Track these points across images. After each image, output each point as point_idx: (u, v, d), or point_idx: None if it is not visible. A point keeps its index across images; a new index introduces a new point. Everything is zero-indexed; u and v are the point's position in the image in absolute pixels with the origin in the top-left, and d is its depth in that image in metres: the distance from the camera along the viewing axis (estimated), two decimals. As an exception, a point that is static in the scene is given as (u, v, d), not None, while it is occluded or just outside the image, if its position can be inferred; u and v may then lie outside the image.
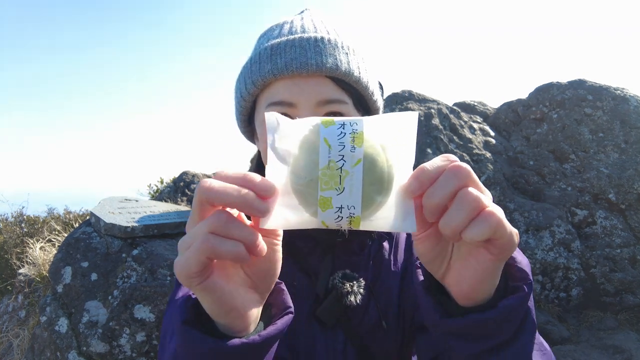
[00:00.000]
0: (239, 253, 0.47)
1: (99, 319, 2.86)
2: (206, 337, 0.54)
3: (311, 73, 0.71)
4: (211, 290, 0.51)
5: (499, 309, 0.53)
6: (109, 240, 3.28)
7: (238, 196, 0.47)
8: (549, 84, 5.24)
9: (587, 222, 4.18)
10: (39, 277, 3.49)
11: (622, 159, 4.47)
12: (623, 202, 4.23)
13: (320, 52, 0.72)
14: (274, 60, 0.71)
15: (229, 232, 0.47)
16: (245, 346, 0.54)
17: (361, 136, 0.48)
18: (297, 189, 0.50)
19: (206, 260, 0.47)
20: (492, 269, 0.52)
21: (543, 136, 4.86)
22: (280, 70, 0.71)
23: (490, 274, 0.52)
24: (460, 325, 0.55)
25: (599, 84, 5.03)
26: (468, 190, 0.46)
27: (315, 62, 0.71)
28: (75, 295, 2.99)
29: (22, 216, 6.02)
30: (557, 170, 4.52)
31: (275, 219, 0.51)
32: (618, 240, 4.03)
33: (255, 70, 0.74)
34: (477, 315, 0.53)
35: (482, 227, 0.45)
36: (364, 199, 0.48)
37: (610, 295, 3.81)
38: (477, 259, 0.51)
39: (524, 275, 0.57)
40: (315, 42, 0.72)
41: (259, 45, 0.81)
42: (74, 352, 2.77)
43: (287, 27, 0.79)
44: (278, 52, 0.72)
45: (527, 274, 0.58)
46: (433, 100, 4.98)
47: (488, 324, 0.53)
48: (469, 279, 0.52)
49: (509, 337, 0.56)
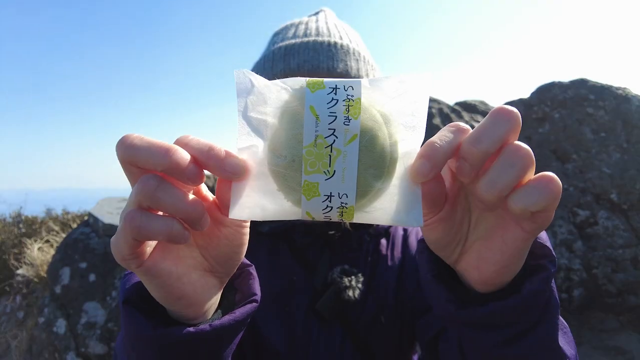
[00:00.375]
0: (173, 233, 0.38)
1: (98, 320, 2.83)
2: (146, 322, 0.46)
3: (322, 76, 0.72)
4: (153, 274, 0.43)
5: (524, 294, 0.45)
6: (108, 241, 3.26)
7: (165, 156, 0.37)
8: (551, 83, 5.23)
9: (589, 222, 4.17)
10: (37, 278, 3.46)
11: (624, 159, 4.46)
12: (625, 202, 4.21)
13: (332, 56, 0.73)
14: (286, 61, 0.73)
15: (159, 203, 0.38)
16: (191, 336, 0.46)
17: (358, 104, 0.38)
18: (275, 171, 0.40)
19: (134, 242, 0.39)
20: (522, 249, 0.43)
21: (545, 136, 4.84)
22: (292, 71, 0.72)
23: (519, 255, 0.44)
24: (480, 315, 0.47)
25: (601, 84, 5.01)
26: (519, 145, 0.38)
27: (326, 65, 0.72)
28: (73, 296, 2.97)
29: (20, 216, 6.00)
30: (559, 170, 4.50)
31: (246, 207, 0.41)
32: (620, 241, 4.01)
33: (267, 68, 0.76)
34: (500, 302, 0.46)
35: (542, 193, 0.37)
36: (359, 186, 0.39)
37: (612, 296, 3.80)
38: (504, 238, 0.43)
39: (546, 252, 0.49)
40: (327, 47, 0.74)
41: (272, 43, 0.82)
42: (72, 353, 2.74)
43: (302, 29, 0.81)
44: (291, 53, 0.73)
45: (550, 249, 0.49)
46: (434, 99, 4.97)
47: (512, 311, 0.46)
48: (493, 262, 0.45)
49: (534, 321, 0.48)
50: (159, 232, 0.38)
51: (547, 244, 0.50)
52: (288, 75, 0.72)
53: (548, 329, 0.49)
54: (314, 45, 0.74)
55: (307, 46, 0.74)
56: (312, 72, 0.71)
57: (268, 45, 0.85)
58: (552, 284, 0.49)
